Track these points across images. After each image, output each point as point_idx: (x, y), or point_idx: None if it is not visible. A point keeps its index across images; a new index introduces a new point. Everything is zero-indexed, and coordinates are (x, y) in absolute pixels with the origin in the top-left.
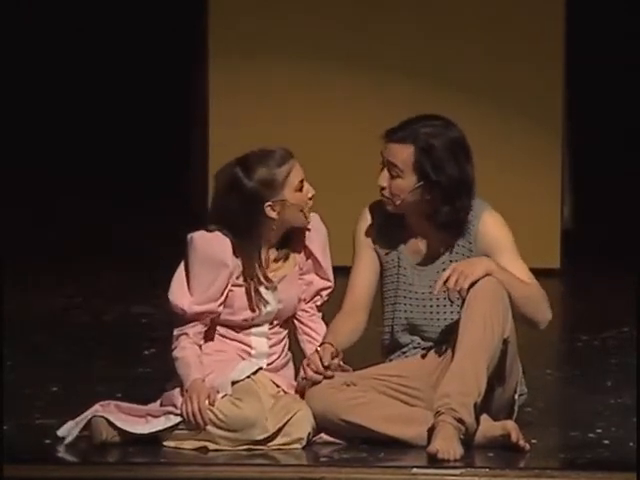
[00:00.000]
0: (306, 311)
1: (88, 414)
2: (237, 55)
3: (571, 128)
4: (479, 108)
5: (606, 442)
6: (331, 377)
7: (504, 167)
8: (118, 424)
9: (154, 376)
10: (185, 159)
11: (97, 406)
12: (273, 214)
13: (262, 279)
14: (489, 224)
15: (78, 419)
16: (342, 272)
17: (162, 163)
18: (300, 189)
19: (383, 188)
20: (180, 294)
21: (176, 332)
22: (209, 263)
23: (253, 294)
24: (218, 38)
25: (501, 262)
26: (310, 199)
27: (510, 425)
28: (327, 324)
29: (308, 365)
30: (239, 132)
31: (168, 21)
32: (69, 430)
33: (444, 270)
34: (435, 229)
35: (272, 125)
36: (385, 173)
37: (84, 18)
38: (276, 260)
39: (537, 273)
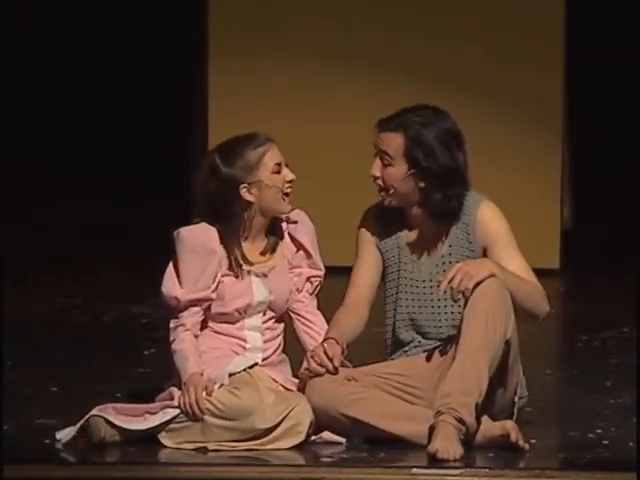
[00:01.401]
0: (301, 301)
1: (86, 417)
2: (237, 55)
3: (571, 128)
4: (479, 108)
5: (606, 442)
6: (335, 373)
7: (504, 167)
8: (116, 422)
9: (154, 376)
10: (185, 159)
11: (94, 410)
12: (250, 197)
13: (241, 261)
14: (487, 215)
15: (77, 424)
16: (343, 272)
17: (162, 163)
18: (277, 172)
19: (376, 177)
20: (172, 285)
21: (173, 323)
22: (198, 252)
23: (239, 280)
24: (218, 38)
25: (499, 255)
26: (289, 183)
27: (509, 425)
28: (326, 318)
29: (312, 357)
30: (239, 132)
31: (168, 21)
32: (68, 433)
33: (443, 263)
34: (431, 220)
35: (272, 125)
36: (377, 162)
37: (84, 18)
38: (263, 253)
39: (537, 273)
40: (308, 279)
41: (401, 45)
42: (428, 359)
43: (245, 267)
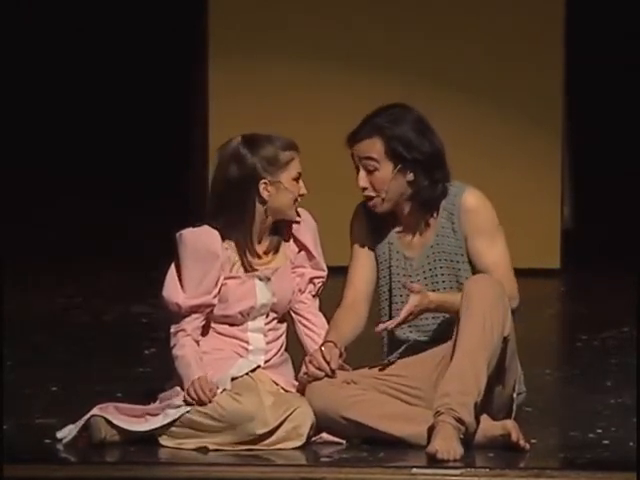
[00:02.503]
0: (303, 302)
1: (87, 416)
2: (237, 55)
3: (571, 128)
4: (479, 108)
5: (606, 442)
6: (333, 376)
7: (504, 167)
8: (116, 422)
9: (154, 376)
10: (185, 159)
11: (95, 409)
12: (266, 194)
13: (253, 257)
14: (471, 203)
15: (78, 422)
16: (343, 271)
17: (162, 163)
18: (296, 181)
19: (365, 188)
20: (174, 290)
21: (173, 329)
22: (199, 256)
23: (244, 282)
24: (218, 38)
25: (480, 245)
26: (301, 196)
27: (510, 425)
28: (327, 319)
29: (310, 362)
30: (239, 132)
31: (168, 21)
32: (68, 432)
33: (433, 253)
34: (419, 211)
35: (272, 125)
36: (362, 173)
37: (84, 18)
38: (266, 253)
39: (537, 273)
40: (311, 280)
41: (401, 45)
42: (426, 359)
43: (255, 262)
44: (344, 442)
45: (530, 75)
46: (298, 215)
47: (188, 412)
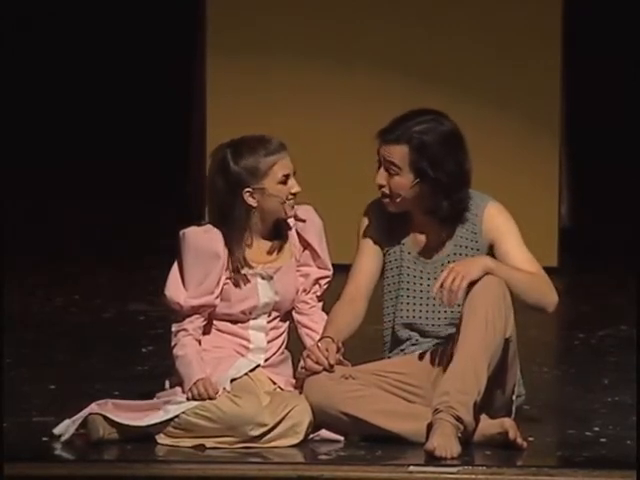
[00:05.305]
0: (306, 303)
1: (85, 412)
2: (237, 55)
3: (570, 126)
4: (479, 108)
5: (603, 440)
6: (331, 370)
7: (503, 166)
8: (116, 419)
9: (152, 374)
10: (184, 159)
11: (94, 405)
12: (252, 201)
13: (243, 264)
14: (493, 213)
15: (75, 417)
16: (344, 270)
17: (162, 163)
18: (284, 182)
19: (382, 186)
20: (175, 290)
21: (174, 328)
22: (201, 256)
23: (243, 284)
24: (217, 38)
25: (505, 250)
26: (293, 195)
27: (508, 423)
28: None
29: (308, 356)
30: (238, 132)
31: (167, 21)
32: (65, 428)
33: (448, 262)
34: (437, 223)
35: (272, 125)
36: (383, 171)
37: (83, 18)
38: (270, 252)
39: None
40: (316, 281)
41: (401, 45)
42: (426, 357)
43: (245, 271)
44: (342, 439)
45: (530, 75)
46: (294, 214)
47: (185, 413)
